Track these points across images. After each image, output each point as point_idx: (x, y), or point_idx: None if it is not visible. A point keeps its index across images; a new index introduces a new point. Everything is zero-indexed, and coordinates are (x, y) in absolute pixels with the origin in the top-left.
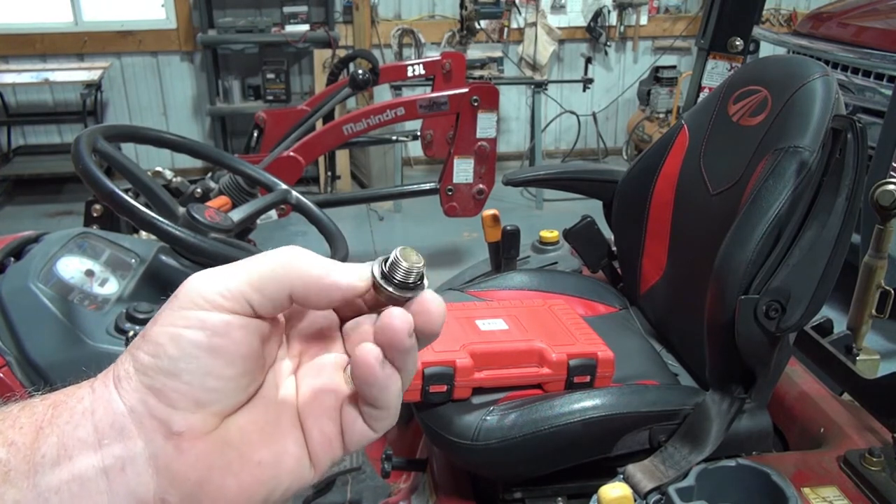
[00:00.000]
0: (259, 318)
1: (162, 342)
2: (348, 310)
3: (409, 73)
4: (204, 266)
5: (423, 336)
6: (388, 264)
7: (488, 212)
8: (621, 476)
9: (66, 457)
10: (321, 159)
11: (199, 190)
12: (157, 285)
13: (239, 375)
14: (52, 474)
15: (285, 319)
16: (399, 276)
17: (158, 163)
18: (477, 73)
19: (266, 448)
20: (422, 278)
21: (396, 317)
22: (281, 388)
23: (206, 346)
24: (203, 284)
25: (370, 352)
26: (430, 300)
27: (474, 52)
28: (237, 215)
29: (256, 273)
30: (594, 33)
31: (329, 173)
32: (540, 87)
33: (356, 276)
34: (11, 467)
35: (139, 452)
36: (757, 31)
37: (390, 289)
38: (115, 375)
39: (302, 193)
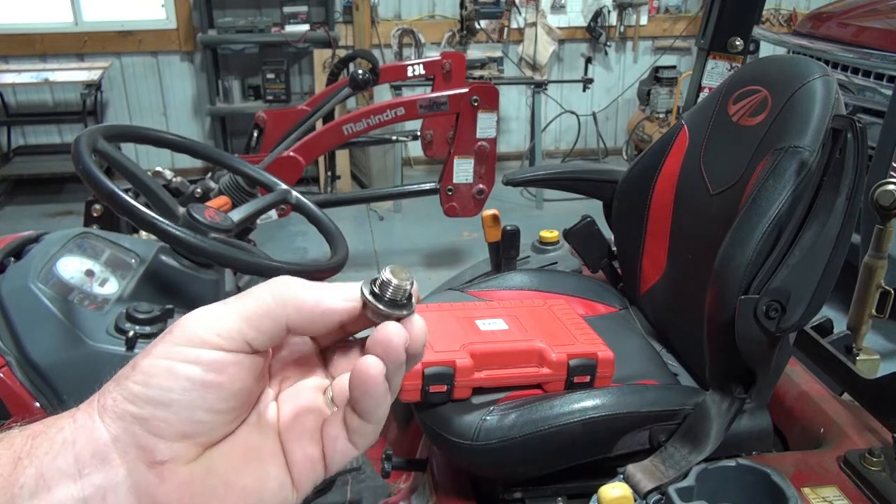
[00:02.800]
0: (254, 353)
1: (154, 373)
2: (328, 336)
3: (409, 73)
4: (204, 266)
5: (408, 356)
6: (377, 283)
7: (488, 212)
8: (621, 476)
9: (44, 487)
10: (321, 159)
11: (199, 190)
12: (157, 285)
13: (229, 410)
14: None
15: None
16: (389, 294)
17: (158, 163)
18: (477, 73)
19: (249, 473)
20: (410, 297)
21: (393, 330)
22: (264, 415)
23: (200, 380)
24: (199, 324)
25: (374, 364)
26: (416, 323)
27: (474, 52)
28: (237, 215)
29: (252, 311)
30: (594, 33)
31: (329, 173)
32: (540, 87)
33: (347, 297)
34: None
35: (121, 481)
36: (757, 31)
37: (381, 306)
38: (101, 405)
39: (302, 193)
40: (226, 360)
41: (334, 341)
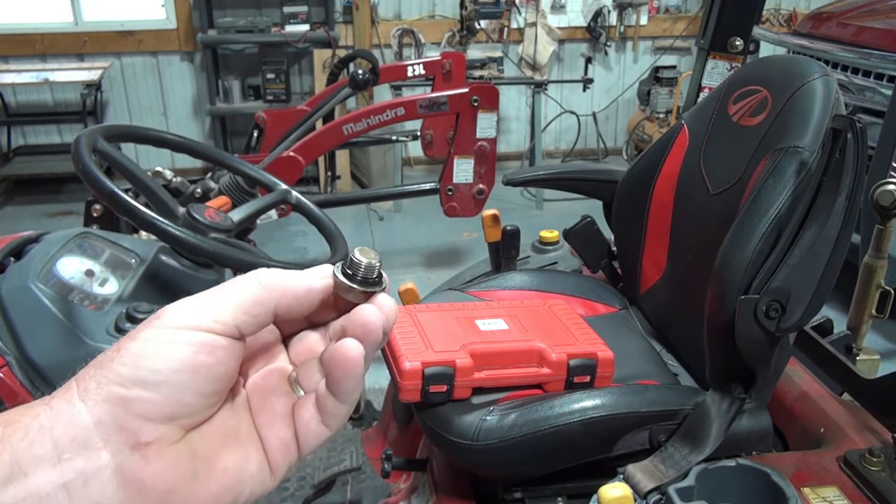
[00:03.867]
0: (239, 339)
1: (144, 354)
2: (290, 324)
3: (409, 73)
4: (204, 266)
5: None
6: (348, 264)
7: (488, 212)
8: (621, 476)
9: (20, 474)
10: (321, 159)
11: (199, 190)
12: (157, 285)
13: (214, 393)
14: (6, 492)
15: None
16: (361, 274)
17: (158, 163)
18: (477, 73)
19: (230, 455)
20: (381, 275)
21: (371, 312)
22: (237, 400)
23: (191, 361)
24: (191, 310)
25: (354, 347)
26: (387, 303)
27: (474, 52)
28: (237, 215)
29: (244, 297)
30: (594, 33)
31: (329, 173)
32: (540, 87)
33: (324, 275)
34: None
35: (104, 465)
36: (757, 31)
37: (354, 286)
38: (82, 389)
39: (302, 193)
40: (216, 342)
41: (296, 331)
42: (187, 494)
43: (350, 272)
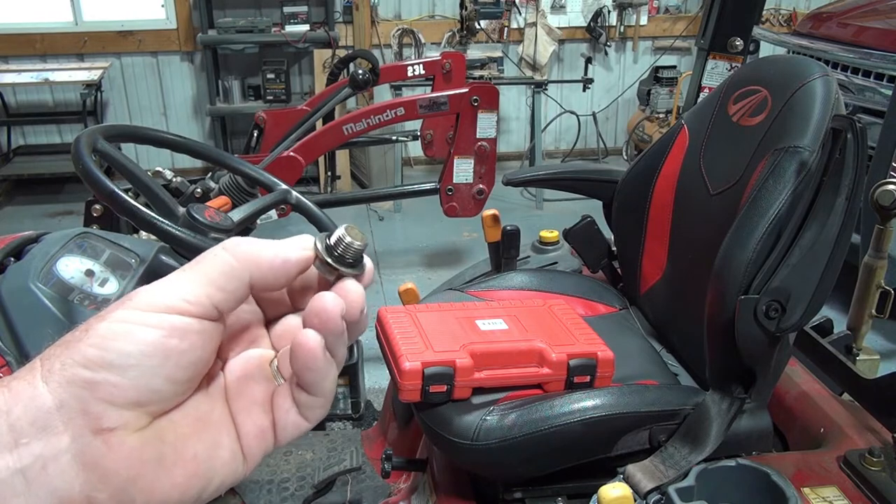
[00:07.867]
0: (216, 320)
1: (112, 336)
2: (273, 307)
3: (409, 73)
4: None
5: (347, 322)
6: (331, 238)
7: (488, 212)
8: (621, 476)
9: None
10: (321, 159)
11: (199, 190)
12: None
13: (185, 380)
14: None
15: None
16: (339, 251)
17: (158, 163)
18: (477, 73)
19: (200, 442)
20: (361, 258)
21: (327, 300)
22: (213, 385)
23: (161, 346)
24: (164, 291)
25: (312, 337)
26: (352, 290)
27: (474, 52)
28: (237, 215)
29: (216, 273)
30: (594, 33)
31: (329, 173)
32: (540, 87)
33: (303, 246)
34: None
35: (64, 449)
36: (757, 31)
37: (328, 260)
38: (46, 370)
39: (302, 193)
40: (189, 326)
41: (280, 314)
42: (151, 482)
43: (329, 246)
